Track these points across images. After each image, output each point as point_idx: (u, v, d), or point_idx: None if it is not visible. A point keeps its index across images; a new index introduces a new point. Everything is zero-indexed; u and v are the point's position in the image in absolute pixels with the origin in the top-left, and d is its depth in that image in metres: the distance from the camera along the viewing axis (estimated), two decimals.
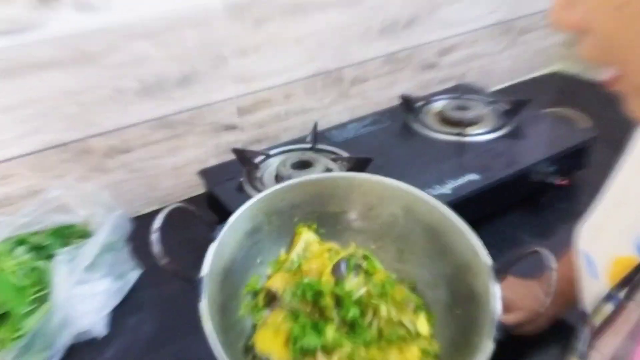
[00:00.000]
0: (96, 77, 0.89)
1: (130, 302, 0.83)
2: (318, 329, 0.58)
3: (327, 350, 0.56)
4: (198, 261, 0.90)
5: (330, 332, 0.57)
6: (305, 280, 0.61)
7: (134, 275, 0.84)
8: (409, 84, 1.30)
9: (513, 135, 1.04)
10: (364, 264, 0.66)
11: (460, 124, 1.04)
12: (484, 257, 0.53)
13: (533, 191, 0.98)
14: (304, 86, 1.13)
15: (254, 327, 0.61)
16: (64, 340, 0.70)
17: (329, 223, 0.69)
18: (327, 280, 0.62)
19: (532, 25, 1.45)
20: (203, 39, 0.97)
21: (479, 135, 1.03)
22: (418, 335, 0.57)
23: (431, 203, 0.63)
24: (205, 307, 0.51)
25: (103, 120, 0.93)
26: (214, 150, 1.08)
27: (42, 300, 0.72)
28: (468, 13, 1.30)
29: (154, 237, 0.51)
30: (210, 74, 1.00)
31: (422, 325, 0.58)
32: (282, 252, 0.68)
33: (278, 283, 0.62)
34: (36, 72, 0.84)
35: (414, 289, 0.65)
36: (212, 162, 1.08)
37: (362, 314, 0.60)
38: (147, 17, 0.90)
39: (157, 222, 0.51)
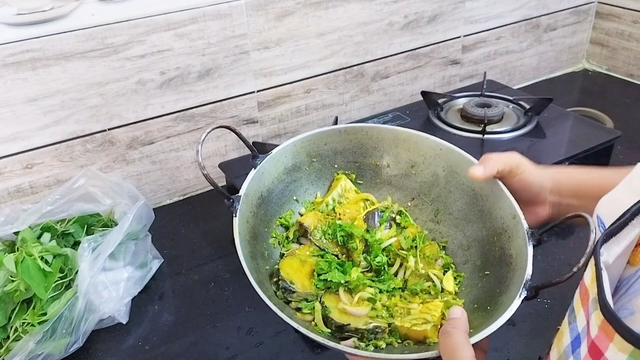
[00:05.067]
0: (119, 69, 0.91)
1: (151, 292, 0.84)
2: (344, 268, 0.60)
3: (349, 289, 0.59)
4: (218, 251, 0.92)
5: (355, 273, 0.59)
6: (338, 222, 0.64)
7: (155, 264, 0.86)
8: (431, 81, 1.29)
9: (535, 134, 1.02)
10: (398, 218, 0.67)
11: (481, 122, 1.03)
12: (523, 221, 0.54)
13: None
14: (325, 81, 1.14)
15: (282, 257, 0.64)
16: (87, 326, 0.72)
17: (368, 175, 0.70)
18: (359, 225, 0.64)
19: (558, 23, 1.43)
20: (225, 33, 0.97)
21: (500, 133, 1.02)
22: (443, 290, 0.59)
23: None
24: (237, 222, 0.56)
25: (126, 112, 0.95)
26: (234, 144, 1.09)
27: (66, 286, 0.74)
28: (493, 9, 1.29)
29: (199, 147, 0.56)
30: (231, 67, 1.01)
31: (448, 281, 0.59)
32: (318, 195, 0.70)
33: (310, 220, 0.65)
34: (60, 63, 0.86)
35: (445, 249, 0.65)
36: (232, 155, 1.09)
37: (390, 263, 0.62)
38: (170, 9, 0.91)
39: (203, 136, 0.57)
